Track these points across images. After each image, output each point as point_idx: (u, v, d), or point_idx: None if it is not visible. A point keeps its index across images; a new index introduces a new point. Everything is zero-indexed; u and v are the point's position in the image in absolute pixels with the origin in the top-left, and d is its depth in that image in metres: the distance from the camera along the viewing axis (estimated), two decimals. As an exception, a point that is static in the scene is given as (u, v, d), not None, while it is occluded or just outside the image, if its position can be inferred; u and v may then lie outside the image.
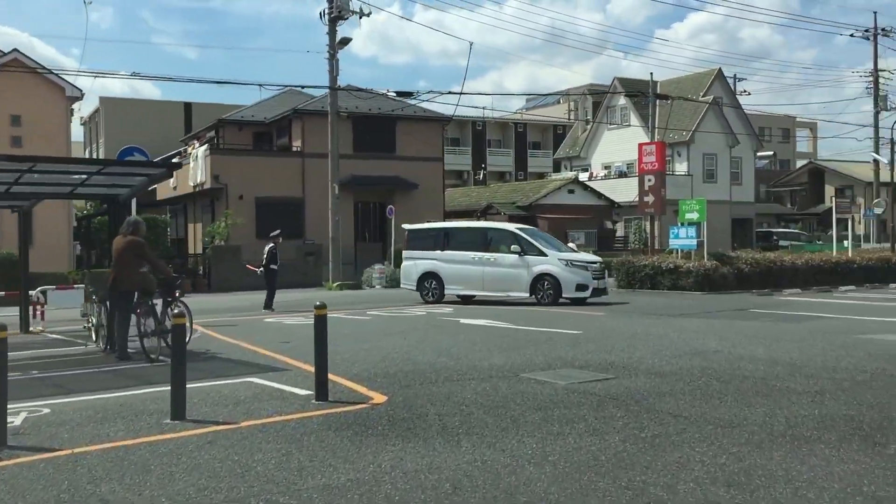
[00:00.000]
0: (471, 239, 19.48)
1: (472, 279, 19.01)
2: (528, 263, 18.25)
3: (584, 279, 17.96)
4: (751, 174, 48.05)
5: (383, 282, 27.43)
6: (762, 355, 9.87)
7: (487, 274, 18.77)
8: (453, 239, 19.64)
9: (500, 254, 18.64)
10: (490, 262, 18.73)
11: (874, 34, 42.14)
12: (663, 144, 26.08)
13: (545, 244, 18.72)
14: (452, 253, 19.28)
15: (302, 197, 32.03)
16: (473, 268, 18.92)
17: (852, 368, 8.85)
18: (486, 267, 18.77)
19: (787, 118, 78.80)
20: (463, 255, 19.10)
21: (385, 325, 14.42)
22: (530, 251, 18.33)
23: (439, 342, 11.61)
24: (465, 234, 19.94)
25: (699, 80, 45.51)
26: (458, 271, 19.19)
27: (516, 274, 18.37)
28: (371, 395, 7.67)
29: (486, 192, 44.28)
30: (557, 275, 17.91)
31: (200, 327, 14.41)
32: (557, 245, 19.62)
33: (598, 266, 18.52)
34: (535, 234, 19.51)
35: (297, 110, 32.59)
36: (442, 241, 19.72)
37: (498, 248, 18.82)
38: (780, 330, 12.57)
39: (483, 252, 18.89)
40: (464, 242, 19.42)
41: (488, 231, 19.78)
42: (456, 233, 20.02)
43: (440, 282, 19.48)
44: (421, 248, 19.98)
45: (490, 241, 19.16)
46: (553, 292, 17.90)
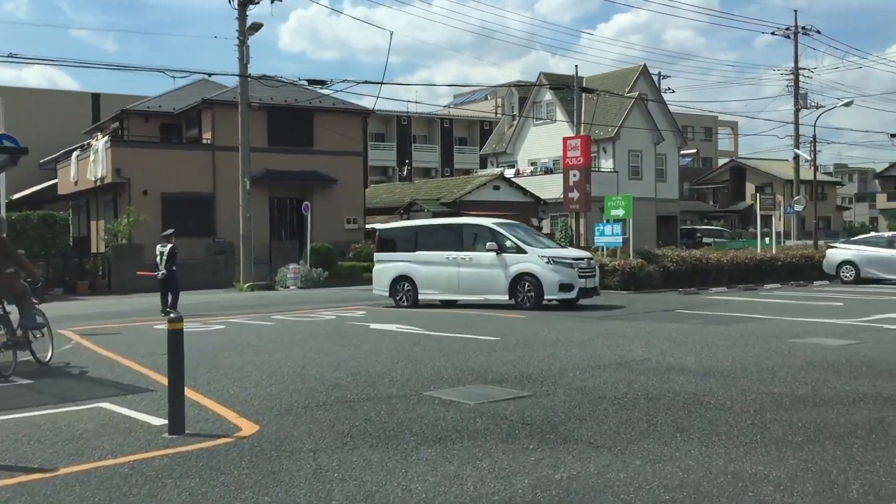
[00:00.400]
0: (445, 238, 17.59)
1: (446, 282, 17.14)
2: (506, 262, 16.28)
3: (568, 278, 16.00)
4: (675, 171, 48.11)
5: (298, 282, 25.98)
6: (693, 365, 8.95)
7: (463, 276, 16.88)
8: (427, 238, 17.82)
9: (477, 253, 16.73)
10: (465, 262, 16.83)
11: (795, 32, 42.54)
12: (588, 138, 25.36)
13: (526, 240, 16.79)
14: (426, 254, 17.45)
15: (212, 192, 30.24)
16: (448, 269, 17.05)
17: (791, 380, 7.99)
18: (461, 268, 16.88)
19: (709, 117, 79.90)
20: (436, 255, 17.25)
21: (287, 331, 13.10)
22: (509, 248, 16.37)
23: (340, 353, 10.39)
24: (438, 232, 18.05)
25: (624, 77, 45.27)
26: (431, 274, 17.32)
27: (493, 275, 16.45)
28: (240, 425, 6.40)
29: (411, 188, 43.12)
30: (538, 274, 15.95)
31: (76, 336, 12.84)
32: (543, 241, 17.86)
33: (585, 263, 16.61)
34: (515, 228, 17.52)
35: (207, 100, 30.75)
36: (414, 241, 17.91)
37: (474, 246, 16.96)
38: (709, 334, 11.75)
39: (458, 251, 17.00)
40: (438, 242, 17.54)
41: (463, 228, 17.75)
42: (429, 231, 18.24)
43: (414, 285, 17.60)
44: (392, 250, 18.25)
45: (466, 239, 17.29)
46: (534, 294, 15.95)
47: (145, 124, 33.23)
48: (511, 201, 38.80)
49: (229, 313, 17.02)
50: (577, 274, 16.14)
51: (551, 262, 16.06)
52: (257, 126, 30.17)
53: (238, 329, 13.69)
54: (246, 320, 15.28)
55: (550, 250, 16.79)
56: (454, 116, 64.01)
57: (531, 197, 40.17)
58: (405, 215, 37.47)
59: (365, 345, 11.14)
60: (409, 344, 11.12)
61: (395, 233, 19.06)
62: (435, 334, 12.24)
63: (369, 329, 13.16)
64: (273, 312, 16.89)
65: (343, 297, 21.52)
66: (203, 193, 30.06)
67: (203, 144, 31.07)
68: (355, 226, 33.17)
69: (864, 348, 10.12)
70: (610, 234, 22.17)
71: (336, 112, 32.82)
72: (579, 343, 10.90)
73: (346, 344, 11.26)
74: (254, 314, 16.60)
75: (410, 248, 17.81)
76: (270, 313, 16.69)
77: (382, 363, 9.43)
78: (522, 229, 17.95)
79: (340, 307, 18.08)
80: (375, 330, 13.04)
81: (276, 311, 17.40)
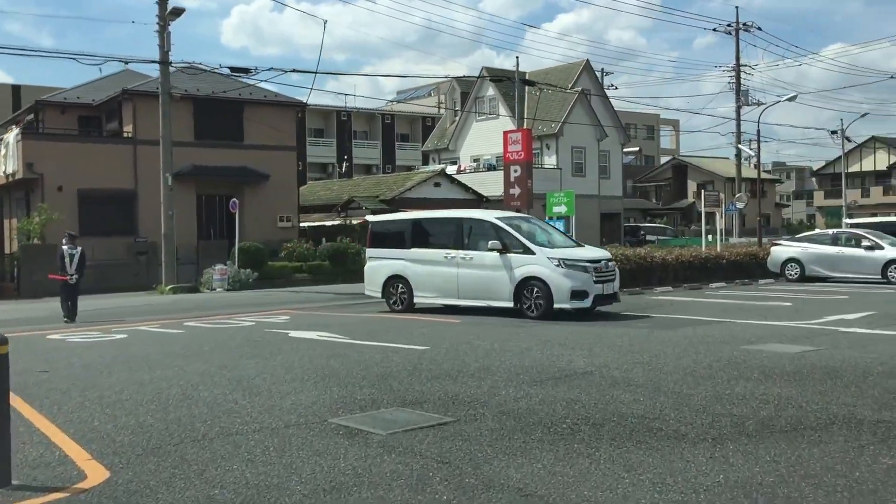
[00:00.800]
0: (444, 232, 15.52)
1: (444, 284, 14.99)
2: (510, 264, 14.11)
3: (582, 283, 13.70)
4: (619, 168, 47.68)
5: (225, 284, 24.48)
6: (641, 379, 7.95)
7: (463, 278, 14.69)
8: (424, 233, 15.81)
9: (479, 252, 14.54)
10: (465, 262, 14.65)
11: (736, 29, 42.40)
12: (529, 132, 24.45)
13: (535, 238, 14.59)
14: (422, 251, 15.38)
15: (134, 189, 28.45)
16: (445, 270, 14.89)
17: (750, 397, 7.04)
18: (460, 269, 14.71)
19: (651, 116, 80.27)
20: (433, 253, 15.18)
21: (194, 341, 11.77)
22: (514, 248, 14.16)
23: (245, 367, 9.14)
24: (437, 226, 15.95)
25: (567, 72, 44.60)
26: (428, 274, 15.18)
27: (496, 278, 14.26)
28: (87, 471, 5.14)
29: (349, 185, 41.73)
30: (546, 278, 13.68)
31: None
32: (555, 239, 15.34)
33: (602, 265, 14.15)
34: (524, 224, 15.22)
35: (128, 91, 28.91)
36: (410, 236, 15.79)
37: (476, 244, 14.75)
38: (657, 340, 10.80)
39: (457, 250, 14.83)
40: (436, 238, 15.57)
41: (464, 222, 15.29)
42: (427, 225, 16.10)
43: (409, 287, 15.50)
44: (386, 245, 16.12)
45: (466, 235, 15.01)
46: (543, 302, 13.69)
47: (62, 116, 31.20)
48: (453, 199, 37.71)
49: (139, 320, 15.57)
50: (592, 278, 13.80)
51: (562, 265, 13.72)
52: (182, 119, 28.52)
53: (140, 339, 12.30)
54: (154, 328, 13.87)
55: (562, 251, 14.28)
56: (396, 112, 62.72)
57: (473, 194, 39.16)
58: (342, 213, 36.14)
59: (277, 357, 9.91)
60: (327, 355, 9.92)
61: (388, 226, 16.88)
62: (358, 343, 11.06)
63: (287, 337, 11.92)
64: (188, 318, 15.49)
65: (269, 301, 20.18)
66: (124, 190, 28.25)
67: (124, 138, 29.22)
68: (289, 224, 31.69)
69: (823, 356, 9.27)
70: (552, 232, 21.25)
71: (267, 104, 31.27)
72: (516, 353, 9.84)
73: (256, 356, 10.01)
74: (166, 320, 15.18)
75: (405, 245, 15.69)
76: (185, 319, 15.29)
77: (290, 380, 8.23)
78: (532, 224, 15.68)
79: (263, 311, 16.76)
80: (294, 338, 11.80)
81: (192, 316, 16.00)
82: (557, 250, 14.24)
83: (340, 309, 17.10)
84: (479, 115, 45.19)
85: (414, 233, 15.83)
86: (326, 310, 17.08)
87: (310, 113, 57.00)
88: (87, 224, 26.55)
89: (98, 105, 31.01)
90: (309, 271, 27.44)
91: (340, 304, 18.49)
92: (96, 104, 31.01)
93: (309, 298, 21.03)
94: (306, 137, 56.11)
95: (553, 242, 14.81)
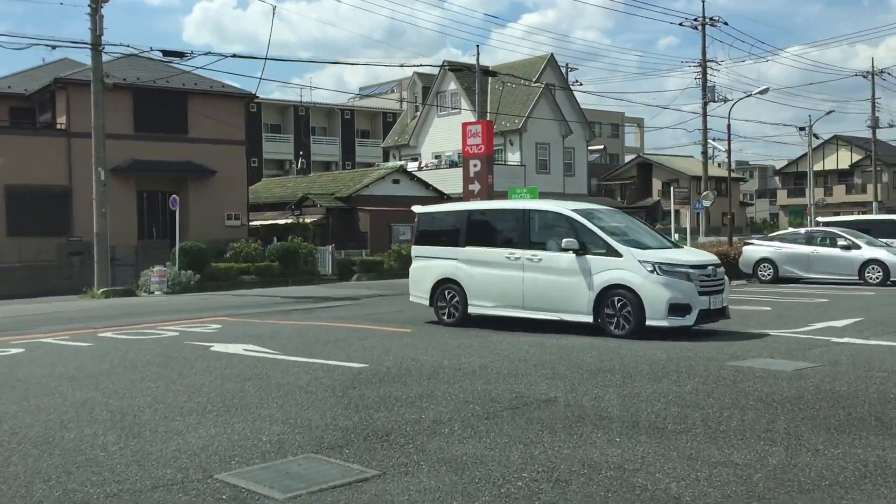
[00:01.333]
0: (505, 227, 12.78)
1: (505, 292, 12.17)
2: (589, 268, 11.25)
3: (683, 295, 10.73)
4: (584, 165, 46.62)
5: (164, 287, 22.72)
6: (615, 410, 6.55)
7: (529, 284, 11.86)
8: (481, 228, 13.02)
9: (549, 252, 11.76)
10: (533, 264, 11.83)
11: (702, 23, 41.43)
12: (490, 124, 23.08)
13: (622, 236, 11.63)
14: (478, 250, 12.59)
15: (68, 185, 26.51)
16: (508, 274, 12.10)
17: (750, 435, 5.67)
18: (526, 273, 11.90)
19: (616, 114, 79.60)
20: (493, 253, 12.41)
21: (96, 358, 10.15)
22: (595, 247, 11.31)
23: (141, 394, 7.59)
24: (496, 219, 13.20)
25: (532, 66, 43.33)
26: (485, 279, 12.40)
27: (571, 285, 11.41)
28: None
29: (304, 182, 40.03)
30: (638, 288, 10.80)
31: None
32: (649, 237, 12.25)
33: (710, 271, 11.22)
34: (606, 218, 12.26)
35: (61, 80, 26.94)
36: (464, 231, 12.97)
37: (546, 241, 11.98)
38: (631, 355, 9.44)
39: (523, 249, 12.03)
40: (496, 233, 12.84)
41: (531, 215, 12.35)
42: (484, 218, 13.32)
43: (462, 294, 12.68)
44: (435, 243, 13.37)
45: (534, 230, 12.19)
46: (632, 316, 10.83)
47: (-9, 107, 29.17)
48: (412, 196, 36.19)
49: (50, 330, 13.85)
50: (696, 289, 10.87)
51: (658, 271, 10.82)
52: (121, 110, 26.69)
53: (35, 355, 10.64)
54: (61, 340, 12.19)
55: (658, 252, 11.33)
56: (356, 108, 61.06)
57: (434, 192, 37.75)
58: (296, 211, 34.49)
59: (185, 379, 8.35)
60: (245, 377, 8.39)
61: (437, 219, 13.98)
62: (286, 360, 9.54)
63: (207, 352, 10.34)
64: (108, 327, 13.81)
65: (207, 305, 18.52)
66: (57, 186, 26.31)
67: (57, 130, 27.25)
68: (237, 222, 29.93)
69: (824, 376, 7.96)
70: (514, 231, 19.88)
71: (214, 95, 29.43)
72: (468, 372, 8.40)
73: (161, 378, 8.44)
74: (80, 331, 13.49)
75: (458, 242, 12.93)
76: (103, 329, 13.61)
77: (188, 412, 6.70)
78: (619, 219, 12.79)
79: (195, 319, 15.12)
80: (215, 353, 10.23)
81: (113, 325, 14.31)
82: (651, 252, 11.27)
83: (281, 316, 15.54)
84: (440, 110, 43.80)
85: (469, 227, 12.98)
86: (266, 317, 15.50)
87: (266, 108, 55.17)
88: (16, 222, 24.68)
89: (30, 95, 28.98)
90: (257, 273, 25.78)
91: (283, 311, 16.92)
92: (29, 94, 28.97)
93: (252, 303, 19.41)
94: (262, 133, 54.26)
95: (643, 242, 11.77)
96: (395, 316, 14.84)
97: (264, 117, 54.72)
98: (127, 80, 26.25)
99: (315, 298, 20.11)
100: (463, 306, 12.70)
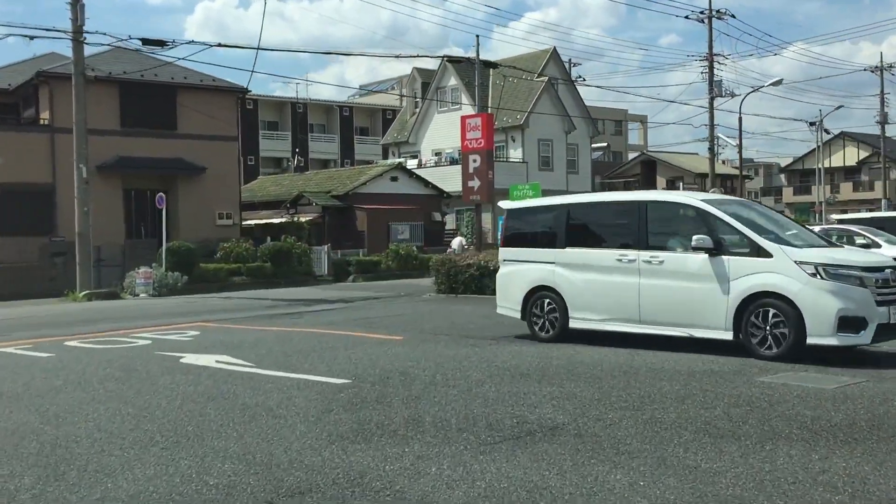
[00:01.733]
0: (616, 224, 10.78)
1: (617, 302, 10.09)
2: (727, 272, 9.14)
3: (856, 305, 8.54)
4: (588, 162, 45.61)
5: (149, 289, 21.74)
6: (618, 439, 5.51)
7: (648, 292, 9.73)
8: (584, 224, 11.09)
9: (673, 253, 9.70)
10: (652, 268, 9.71)
11: (709, 16, 40.34)
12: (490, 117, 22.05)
13: (768, 231, 9.53)
14: (581, 252, 10.55)
15: (52, 182, 25.49)
16: (619, 280, 10.01)
17: (805, 477, 4.64)
18: (643, 278, 9.78)
19: (619, 111, 78.60)
20: (600, 255, 10.39)
21: (50, 372, 9.13)
22: (734, 246, 9.26)
23: (83, 419, 6.59)
24: (604, 214, 11.16)
25: (534, 60, 42.28)
26: (591, 286, 10.34)
27: (703, 293, 9.32)
28: None
29: (300, 180, 39.02)
30: (795, 296, 8.67)
31: None
32: (794, 231, 10.24)
33: (889, 275, 8.90)
34: (743, 211, 10.06)
35: (43, 73, 25.91)
36: (563, 229, 10.92)
37: (668, 240, 9.93)
38: (642, 365, 8.40)
39: (638, 249, 9.89)
40: (604, 231, 10.91)
41: (650, 208, 10.18)
42: (588, 213, 11.32)
43: (561, 304, 10.61)
44: (528, 244, 11.37)
45: (653, 227, 10.03)
46: (789, 333, 8.63)
47: (-28, 102, 28.18)
48: (411, 194, 35.30)
49: (13, 337, 12.83)
50: (873, 297, 8.64)
51: (821, 275, 8.66)
52: (107, 104, 25.71)
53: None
54: (21, 349, 11.18)
55: (817, 251, 9.17)
56: (355, 104, 60.07)
57: (434, 189, 36.78)
58: (291, 210, 33.48)
59: (139, 399, 7.34)
60: (208, 397, 7.37)
61: (529, 215, 11.91)
62: (261, 374, 8.52)
63: (176, 365, 9.33)
64: (77, 335, 12.79)
65: (192, 309, 17.52)
66: (40, 184, 25.29)
67: (40, 125, 26.25)
68: (229, 222, 28.90)
69: (873, 395, 6.92)
70: (516, 230, 18.83)
71: (204, 90, 28.37)
72: (463, 390, 7.38)
73: (113, 398, 7.43)
74: (46, 338, 12.47)
75: (556, 242, 10.90)
76: (72, 336, 12.59)
77: (129, 444, 5.68)
78: (756, 212, 10.52)
79: (175, 324, 14.11)
80: (183, 366, 9.21)
81: (84, 331, 13.30)
82: (809, 251, 9.10)
83: (266, 321, 14.53)
84: (440, 105, 42.78)
85: (569, 224, 10.93)
86: (250, 322, 14.49)
87: (263, 105, 54.20)
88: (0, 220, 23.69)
89: (14, 90, 27.97)
90: (248, 273, 24.79)
91: (270, 315, 15.93)
92: (12, 89, 27.97)
93: (239, 306, 18.43)
94: (259, 130, 53.29)
95: (794, 239, 9.63)
96: (389, 321, 13.84)
97: (261, 114, 53.74)
98: (113, 73, 25.24)
99: (306, 301, 19.13)
100: (562, 319, 10.61)
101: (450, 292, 18.80)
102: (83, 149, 21.25)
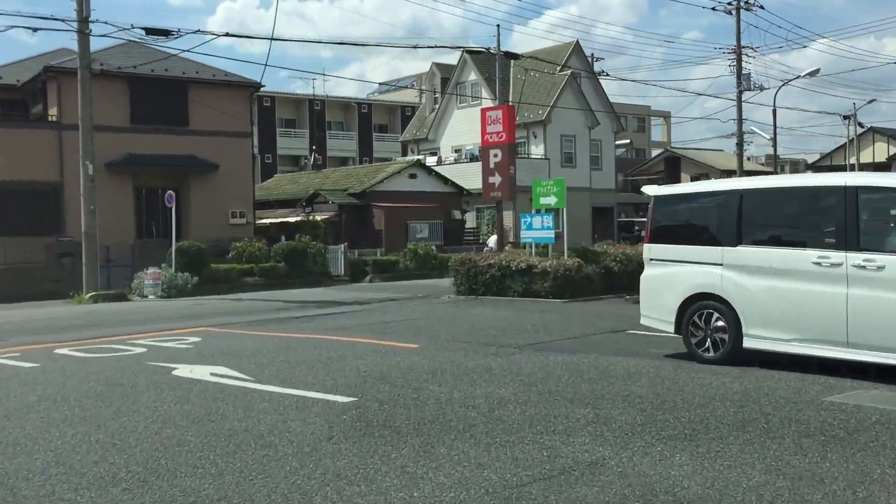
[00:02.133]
0: (810, 217, 8.47)
1: (813, 318, 7.84)
2: None
3: None
4: (611, 159, 44.43)
5: (158, 290, 20.95)
6: (673, 482, 4.52)
7: (860, 305, 7.49)
8: (763, 217, 8.79)
9: (890, 255, 7.41)
10: (866, 275, 7.45)
11: (737, 7, 39.03)
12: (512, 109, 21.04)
13: None
14: (760, 252, 8.36)
15: (59, 180, 24.76)
16: (816, 289, 7.81)
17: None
18: (853, 288, 7.54)
19: (642, 107, 77.28)
20: (788, 256, 8.15)
21: (31, 386, 8.29)
22: None
23: (47, 446, 5.72)
24: (793, 204, 8.71)
25: (556, 54, 41.13)
26: (774, 296, 8.14)
27: None
28: None
29: (317, 178, 38.19)
30: None
31: None
32: None
33: None
34: None
35: (51, 69, 25.18)
36: (735, 220, 8.65)
37: (886, 239, 7.73)
38: (687, 385, 7.39)
39: (846, 250, 7.63)
40: (792, 226, 8.67)
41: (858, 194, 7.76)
42: (769, 201, 8.84)
43: (733, 317, 8.42)
44: (683, 241, 9.20)
45: (864, 221, 7.76)
46: None
47: (-22, 99, 27.54)
48: (430, 192, 34.34)
49: (5, 344, 12.02)
50: None
51: None
52: (116, 100, 25.00)
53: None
54: (6, 358, 10.34)
55: None
56: (374, 101, 59.25)
57: (453, 187, 35.78)
58: (307, 209, 32.65)
59: (115, 421, 6.45)
60: (192, 419, 6.46)
61: (687, 205, 9.67)
62: (258, 389, 7.62)
63: (166, 378, 8.44)
64: (71, 341, 11.96)
65: (200, 312, 16.69)
66: (46, 182, 24.56)
67: (47, 122, 25.55)
68: (242, 220, 28.06)
69: (967, 421, 5.87)
70: (540, 228, 17.86)
71: (216, 85, 27.53)
72: (484, 412, 6.41)
73: (87, 419, 6.55)
74: (37, 345, 11.65)
75: (725, 239, 8.67)
76: (65, 343, 11.76)
77: (87, 485, 4.79)
78: None
79: (177, 329, 13.24)
80: (173, 380, 8.32)
81: (79, 337, 12.47)
82: None
83: (275, 325, 13.65)
84: (460, 101, 41.76)
85: (743, 216, 8.60)
86: (258, 326, 13.61)
87: (280, 102, 53.53)
88: (2, 221, 23.06)
89: (22, 86, 27.31)
90: (261, 274, 23.94)
91: (281, 318, 15.04)
92: (21, 85, 27.33)
93: (249, 308, 17.57)
94: (276, 128, 52.62)
95: None
96: (404, 326, 12.92)
97: (279, 112, 53.05)
98: (122, 68, 24.49)
99: (320, 303, 18.24)
100: (734, 336, 8.37)
101: (470, 294, 17.85)
102: (89, 145, 20.50)
